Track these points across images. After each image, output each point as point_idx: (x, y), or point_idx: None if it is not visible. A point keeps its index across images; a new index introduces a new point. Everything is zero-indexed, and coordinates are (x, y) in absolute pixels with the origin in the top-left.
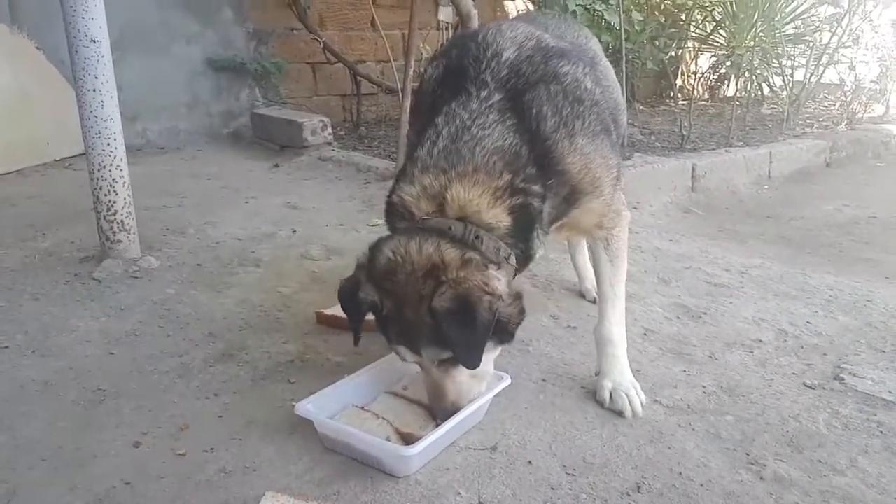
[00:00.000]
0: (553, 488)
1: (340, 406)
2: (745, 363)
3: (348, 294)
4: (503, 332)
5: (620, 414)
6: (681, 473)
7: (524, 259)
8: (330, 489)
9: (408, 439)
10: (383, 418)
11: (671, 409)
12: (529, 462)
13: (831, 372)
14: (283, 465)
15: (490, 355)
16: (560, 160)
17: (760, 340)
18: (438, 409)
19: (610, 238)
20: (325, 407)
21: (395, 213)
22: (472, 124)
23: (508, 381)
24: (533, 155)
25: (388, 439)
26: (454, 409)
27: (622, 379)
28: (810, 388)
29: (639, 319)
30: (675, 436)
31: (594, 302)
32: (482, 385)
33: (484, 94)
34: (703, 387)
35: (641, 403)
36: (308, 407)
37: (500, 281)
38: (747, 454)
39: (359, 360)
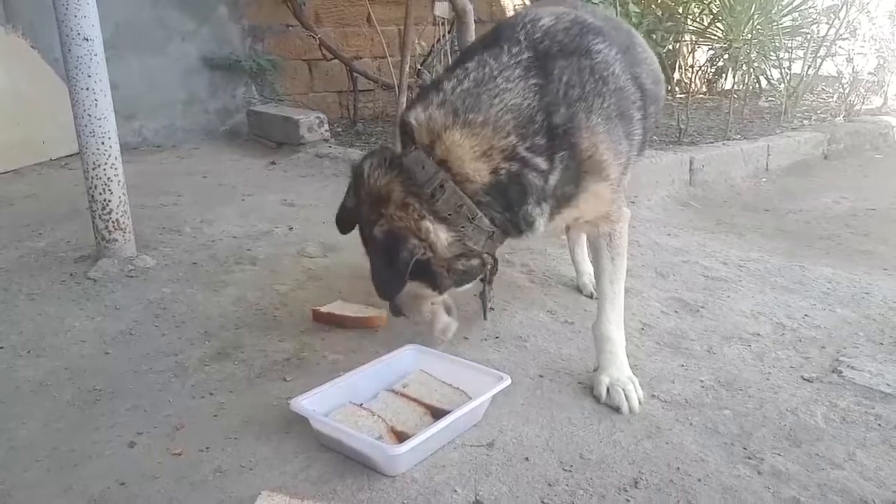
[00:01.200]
0: (550, 484)
1: (338, 403)
2: (742, 357)
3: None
4: (431, 279)
5: (617, 409)
6: (678, 468)
7: (513, 225)
8: (326, 488)
9: (402, 438)
10: (379, 416)
11: (669, 403)
12: (526, 458)
13: (829, 365)
14: (279, 463)
15: (421, 293)
16: (576, 132)
17: (758, 334)
18: (392, 307)
19: (613, 234)
20: (321, 404)
21: (404, 131)
22: (498, 75)
23: (508, 382)
24: (547, 123)
25: (380, 438)
26: (399, 311)
27: (620, 375)
28: (808, 381)
29: (636, 314)
30: (673, 430)
31: (591, 297)
32: (424, 304)
33: (515, 50)
34: (701, 381)
35: (640, 400)
36: (303, 403)
37: (436, 234)
38: (745, 448)
39: (356, 359)
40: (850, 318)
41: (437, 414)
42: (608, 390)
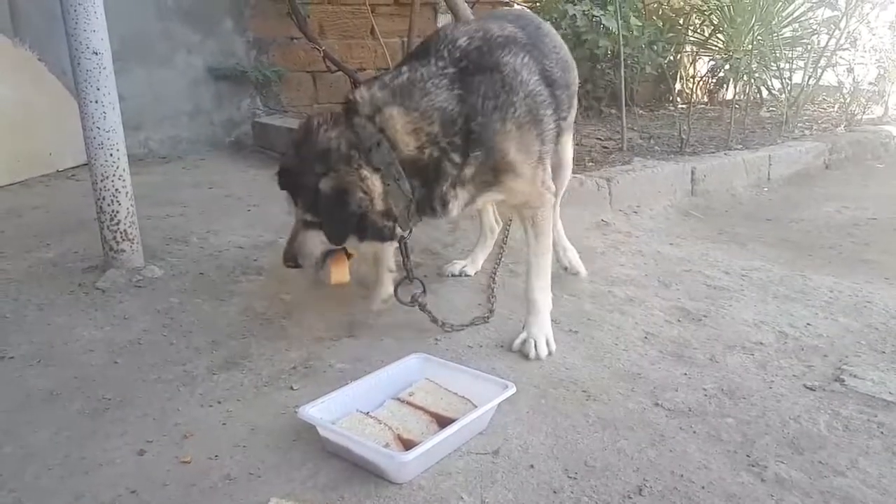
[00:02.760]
0: (555, 492)
1: (345, 411)
2: (745, 365)
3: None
4: (363, 228)
5: (526, 357)
6: (682, 476)
7: (428, 202)
8: (334, 494)
9: (408, 446)
10: (385, 424)
11: (672, 411)
12: (531, 466)
13: (832, 373)
14: (287, 471)
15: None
16: (489, 138)
17: (761, 343)
18: (286, 249)
19: (535, 217)
20: (328, 412)
21: (347, 107)
22: (428, 80)
23: (513, 390)
24: (465, 128)
25: (387, 445)
26: (292, 255)
27: (537, 332)
28: (811, 389)
29: (639, 323)
30: (677, 438)
31: (576, 274)
32: (320, 247)
33: (441, 64)
34: (704, 389)
35: (550, 352)
36: (311, 411)
37: (372, 182)
38: (748, 456)
39: (362, 367)
40: (852, 326)
41: (442, 422)
42: (523, 342)
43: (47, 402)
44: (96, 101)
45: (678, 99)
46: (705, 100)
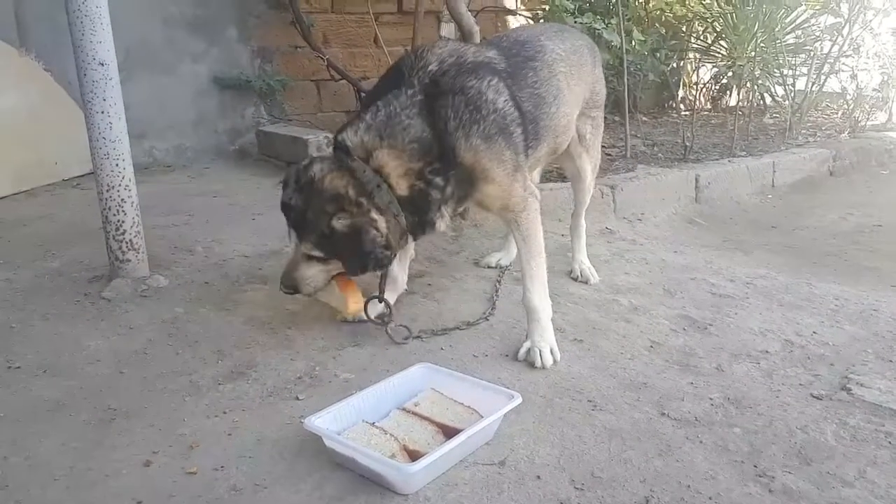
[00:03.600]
0: (562, 503)
1: (351, 422)
2: (751, 374)
3: (287, 178)
4: (376, 260)
5: (532, 365)
6: (689, 486)
7: (420, 227)
8: None
9: (414, 456)
10: (391, 435)
11: (679, 421)
12: (538, 477)
13: (838, 382)
14: (293, 482)
15: (326, 269)
16: (459, 154)
17: (767, 351)
18: (284, 276)
19: (519, 221)
20: (334, 422)
21: (337, 147)
22: (401, 112)
23: (519, 400)
24: (441, 150)
25: (393, 456)
26: (292, 283)
27: (540, 340)
28: (818, 398)
29: (645, 332)
30: (683, 449)
31: (576, 279)
32: (323, 277)
33: (410, 92)
34: (711, 399)
35: (555, 360)
36: (316, 422)
37: (381, 223)
38: (755, 466)
39: (367, 377)
40: (858, 335)
41: (448, 432)
42: (528, 351)
43: (53, 413)
44: (102, 112)
45: (681, 106)
46: (709, 107)
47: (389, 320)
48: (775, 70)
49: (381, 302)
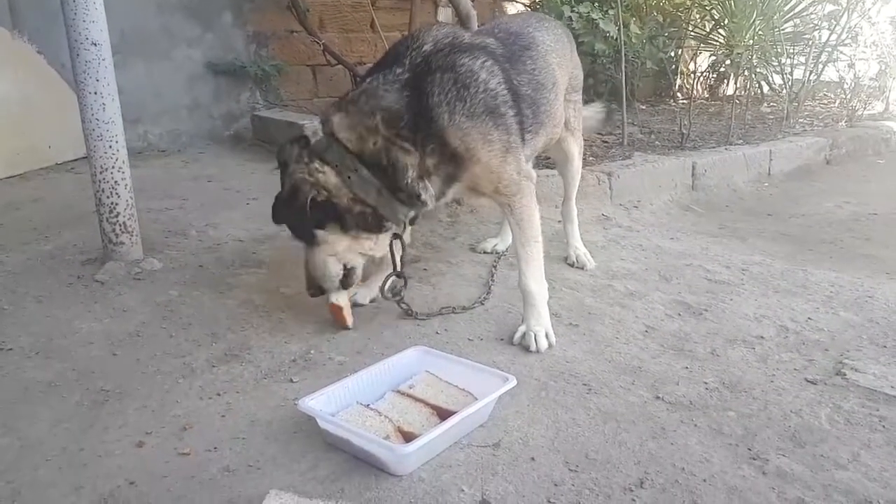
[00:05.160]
0: (556, 484)
1: (345, 404)
2: (746, 359)
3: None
4: (340, 220)
5: (527, 349)
6: (683, 469)
7: (402, 194)
8: (334, 487)
9: (409, 438)
10: (385, 416)
11: (673, 405)
12: (532, 458)
13: (833, 367)
14: (287, 463)
15: (334, 237)
16: (440, 130)
17: (762, 337)
18: (305, 279)
19: (513, 205)
20: (328, 404)
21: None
22: (378, 87)
23: (514, 383)
24: (412, 121)
25: (387, 438)
26: (312, 282)
27: (536, 323)
28: (812, 383)
29: (640, 317)
30: (678, 432)
31: (572, 265)
32: (337, 266)
33: (399, 70)
34: (705, 383)
35: (550, 345)
36: (311, 404)
37: (325, 175)
38: (749, 449)
39: (362, 360)
40: (853, 321)
41: (443, 414)
42: (523, 335)
43: (46, 394)
44: (95, 93)
45: (679, 94)
46: (706, 95)
47: (403, 295)
48: (773, 58)
49: (399, 277)
